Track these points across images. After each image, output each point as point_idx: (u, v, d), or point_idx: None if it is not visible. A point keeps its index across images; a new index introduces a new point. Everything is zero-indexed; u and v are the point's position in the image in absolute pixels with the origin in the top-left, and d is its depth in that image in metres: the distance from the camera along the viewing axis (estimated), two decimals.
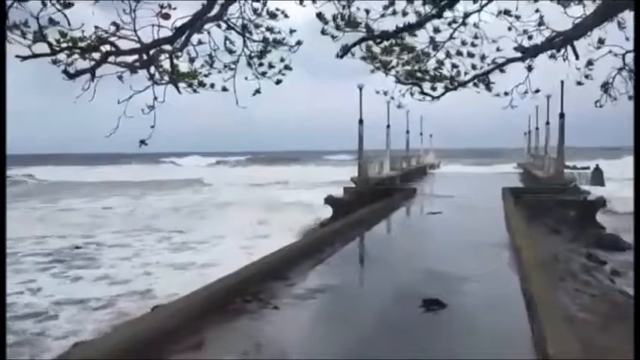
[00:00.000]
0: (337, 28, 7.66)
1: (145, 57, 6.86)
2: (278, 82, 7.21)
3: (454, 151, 69.21)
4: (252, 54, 7.19)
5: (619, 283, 11.58)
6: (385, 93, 9.33)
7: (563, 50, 8.11)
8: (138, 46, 6.52)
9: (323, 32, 7.69)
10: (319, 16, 7.62)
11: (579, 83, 8.45)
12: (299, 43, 7.02)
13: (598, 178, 28.84)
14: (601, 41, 7.96)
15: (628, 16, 7.82)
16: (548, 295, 5.83)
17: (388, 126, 26.91)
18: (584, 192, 18.86)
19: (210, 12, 6.91)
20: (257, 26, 7.05)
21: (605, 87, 8.48)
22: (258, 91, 7.24)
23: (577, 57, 8.20)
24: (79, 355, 4.65)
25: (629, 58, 8.22)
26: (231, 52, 7.21)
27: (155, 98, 6.93)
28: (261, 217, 22.31)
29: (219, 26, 7.07)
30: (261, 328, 5.66)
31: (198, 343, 5.13)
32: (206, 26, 7.04)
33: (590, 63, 8.23)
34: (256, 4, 6.99)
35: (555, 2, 7.83)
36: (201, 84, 7.20)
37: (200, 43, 7.09)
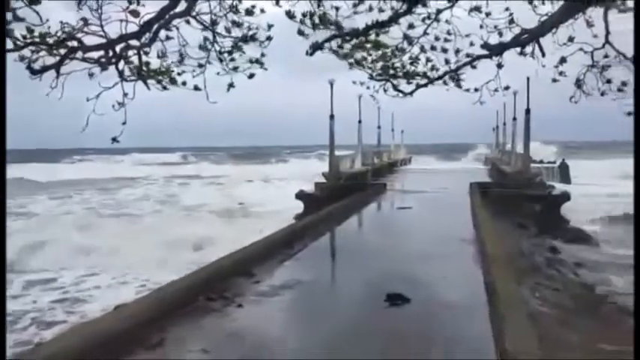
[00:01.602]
0: (313, 26, 7.63)
1: (111, 53, 6.77)
2: (251, 75, 7.16)
3: (425, 147, 69.96)
4: (223, 50, 7.12)
5: (582, 277, 11.89)
6: (362, 84, 9.35)
7: (530, 47, 8.25)
8: (104, 41, 6.44)
9: (300, 33, 7.65)
10: (288, 14, 7.57)
11: (554, 80, 8.60)
12: (269, 38, 6.98)
13: (564, 173, 29.47)
14: (571, 39, 8.12)
15: (596, 14, 7.99)
16: (509, 289, 5.93)
17: (360, 121, 27.08)
18: (549, 186, 19.25)
19: (177, 7, 6.83)
20: (235, 23, 6.97)
21: (578, 83, 8.65)
22: (231, 86, 7.19)
23: (543, 54, 8.34)
24: (35, 356, 4.53)
25: (598, 56, 8.41)
26: (201, 48, 7.13)
27: (125, 95, 6.84)
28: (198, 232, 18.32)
29: (188, 22, 6.99)
30: (224, 326, 5.60)
31: (159, 342, 5.05)
32: (175, 22, 6.95)
33: (563, 60, 8.38)
34: (228, 1, 6.93)
35: (525, 0, 7.95)
36: (173, 81, 7.11)
37: (168, 38, 7.00)
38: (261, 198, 27.15)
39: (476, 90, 8.86)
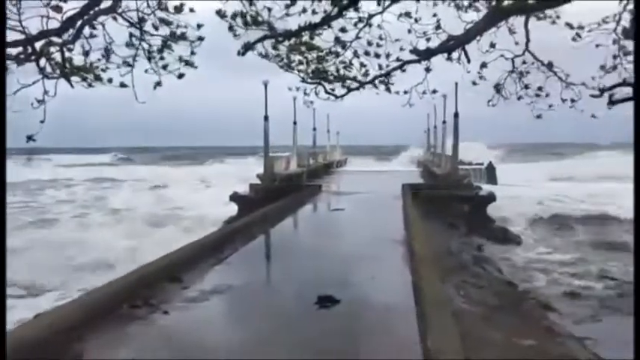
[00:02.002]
0: (245, 24, 7.55)
1: (30, 49, 6.46)
2: (180, 75, 7.02)
3: (361, 148, 70.91)
4: (152, 48, 6.94)
5: (506, 274, 12.43)
6: (297, 89, 9.37)
7: (456, 53, 8.55)
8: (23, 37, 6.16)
9: (230, 29, 7.56)
10: (219, 13, 7.47)
11: (474, 83, 8.97)
12: (201, 38, 6.86)
13: (491, 174, 30.70)
14: (492, 45, 8.48)
15: (518, 22, 8.39)
16: (435, 288, 6.10)
17: (295, 123, 27.10)
18: (477, 187, 20.01)
19: (101, 4, 6.59)
20: (162, 21, 6.79)
21: (497, 88, 9.05)
22: (158, 84, 7.02)
23: (468, 60, 8.68)
24: None
25: (518, 62, 8.84)
26: (128, 45, 6.92)
27: (45, 92, 6.54)
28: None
29: (114, 19, 6.76)
30: (149, 334, 5.43)
31: (79, 353, 4.83)
32: (100, 19, 6.70)
33: (483, 65, 8.73)
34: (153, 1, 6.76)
35: (452, 7, 8.23)
36: (97, 78, 6.86)
37: (92, 36, 6.75)
38: (194, 201, 26.46)
39: (405, 92, 9.09)
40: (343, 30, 8.12)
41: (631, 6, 7.60)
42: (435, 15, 8.18)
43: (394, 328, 5.66)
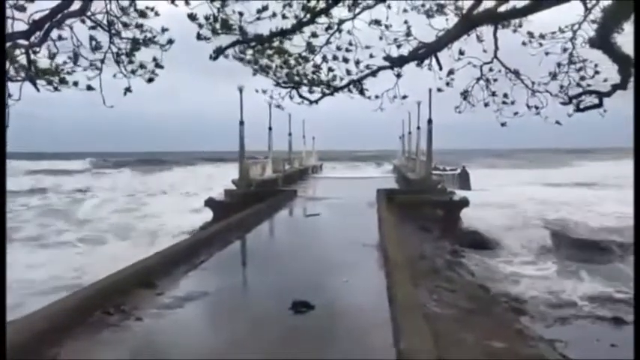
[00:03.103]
0: (213, 31, 7.54)
1: None
2: (150, 80, 6.95)
3: (336, 153, 71.18)
4: (120, 52, 6.87)
5: (479, 279, 12.61)
6: (264, 92, 9.36)
7: (428, 60, 8.69)
8: None
9: (198, 37, 7.52)
10: (190, 16, 7.45)
11: (439, 90, 9.10)
12: (170, 42, 6.82)
13: (464, 180, 31.13)
14: (461, 52, 8.64)
15: (487, 30, 8.57)
16: (408, 291, 6.17)
17: (270, 128, 27.09)
18: (450, 192, 20.27)
19: (70, 7, 6.51)
20: (125, 25, 6.75)
21: (465, 95, 9.22)
22: (128, 90, 6.94)
23: (440, 67, 8.82)
24: None
25: (486, 69, 9.03)
26: (96, 49, 6.84)
27: (9, 96, 6.41)
28: None
29: (83, 22, 6.68)
30: (121, 341, 5.37)
31: None
32: (68, 21, 6.62)
33: (451, 72, 8.88)
34: (124, 2, 6.71)
35: (423, 14, 8.37)
36: (63, 81, 6.75)
37: (61, 38, 6.66)
38: (156, 210, 25.91)
39: (377, 97, 9.19)
40: (314, 35, 8.18)
41: (592, 16, 7.86)
42: (405, 22, 8.31)
43: (368, 330, 5.71)
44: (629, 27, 6.89)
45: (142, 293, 6.89)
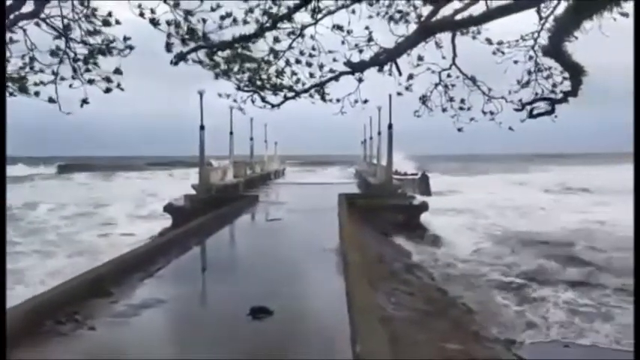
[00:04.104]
0: (182, 40, 7.44)
1: None
2: (107, 90, 6.73)
3: (299, 158, 71.27)
4: (77, 57, 6.67)
5: (437, 281, 12.80)
6: (228, 96, 9.30)
7: (388, 66, 8.81)
8: None
9: (168, 49, 7.38)
10: (152, 21, 7.33)
11: (399, 94, 9.23)
12: (130, 47, 6.67)
13: (424, 184, 31.59)
14: (420, 58, 8.79)
15: (445, 37, 8.75)
16: (365, 295, 6.22)
17: (231, 133, 26.86)
18: (410, 197, 20.55)
19: (22, 8, 6.32)
20: (88, 32, 6.57)
21: (423, 99, 9.38)
22: (85, 102, 6.68)
23: (400, 73, 8.95)
24: None
25: (444, 76, 9.21)
26: (53, 54, 6.64)
27: None
28: None
29: (38, 25, 6.49)
30: (73, 352, 5.22)
31: None
32: (21, 24, 6.42)
33: (410, 77, 9.02)
34: (81, 7, 6.55)
35: (384, 20, 8.48)
36: (23, 89, 6.49)
37: (12, 41, 6.45)
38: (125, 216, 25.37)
39: (337, 101, 9.25)
40: (277, 40, 8.19)
41: (549, 25, 8.13)
42: (367, 28, 8.41)
43: (327, 335, 5.73)
44: (580, 35, 7.12)
45: (96, 302, 6.72)
